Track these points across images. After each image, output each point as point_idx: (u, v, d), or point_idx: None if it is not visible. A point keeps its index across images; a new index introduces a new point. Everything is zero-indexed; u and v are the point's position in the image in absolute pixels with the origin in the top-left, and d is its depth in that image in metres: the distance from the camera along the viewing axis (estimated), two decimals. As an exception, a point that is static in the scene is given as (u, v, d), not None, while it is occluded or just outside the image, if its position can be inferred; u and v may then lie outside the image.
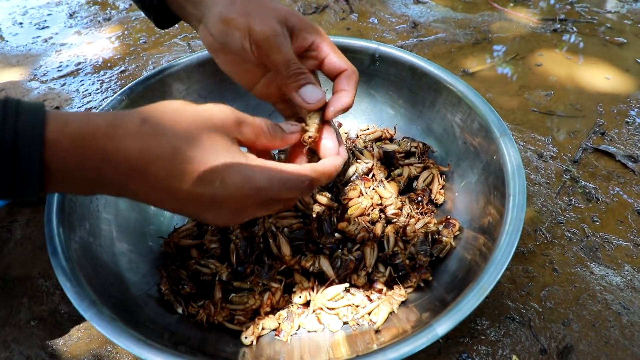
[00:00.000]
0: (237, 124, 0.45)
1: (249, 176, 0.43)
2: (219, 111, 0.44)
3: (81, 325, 0.71)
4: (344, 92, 0.54)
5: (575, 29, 1.32)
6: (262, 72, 0.59)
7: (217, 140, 0.43)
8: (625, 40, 1.27)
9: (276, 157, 0.57)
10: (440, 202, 0.77)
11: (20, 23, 1.45)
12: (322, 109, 0.54)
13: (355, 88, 0.55)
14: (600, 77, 1.15)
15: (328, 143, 0.54)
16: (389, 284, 0.67)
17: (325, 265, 0.65)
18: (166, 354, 0.48)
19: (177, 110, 0.43)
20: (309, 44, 0.55)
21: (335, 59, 0.56)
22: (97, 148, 0.39)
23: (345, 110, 0.54)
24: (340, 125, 0.89)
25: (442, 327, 0.50)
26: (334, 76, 0.56)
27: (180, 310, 0.65)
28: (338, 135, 0.55)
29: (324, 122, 0.54)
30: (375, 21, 1.38)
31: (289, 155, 0.55)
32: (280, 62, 0.52)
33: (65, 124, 0.38)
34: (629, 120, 1.03)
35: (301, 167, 0.48)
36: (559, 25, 1.33)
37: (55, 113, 0.39)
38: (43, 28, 1.42)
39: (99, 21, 1.44)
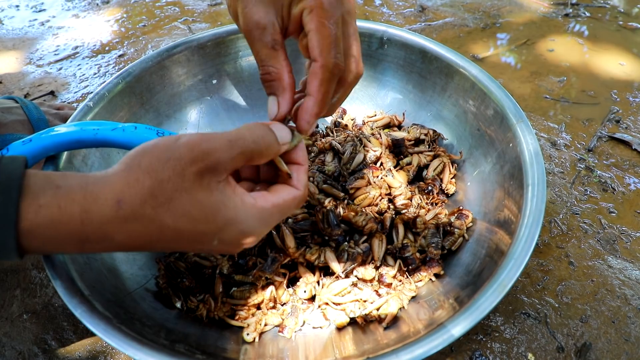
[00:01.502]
0: (215, 169, 0.40)
1: (247, 230, 0.41)
2: (191, 162, 0.39)
3: (76, 319, 0.68)
4: (307, 98, 0.46)
5: (587, 14, 1.27)
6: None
7: (204, 201, 0.39)
8: (639, 26, 1.23)
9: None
10: (451, 192, 0.74)
11: (17, 6, 1.42)
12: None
13: (322, 89, 0.46)
14: (614, 63, 1.11)
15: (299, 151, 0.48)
16: (399, 278, 0.64)
17: (331, 259, 0.62)
18: (162, 354, 0.45)
19: (151, 176, 0.38)
20: (299, 15, 0.46)
21: (312, 41, 0.45)
22: (75, 234, 0.37)
23: (316, 118, 0.47)
24: (345, 111, 0.86)
25: (458, 327, 0.47)
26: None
27: (178, 305, 0.61)
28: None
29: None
30: (382, 4, 1.33)
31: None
32: (255, 57, 0.48)
33: (38, 210, 0.36)
34: (644, 107, 0.99)
35: (293, 191, 0.45)
36: (570, 10, 1.29)
37: (28, 193, 0.36)
38: (40, 11, 1.39)
39: (98, 4, 1.40)
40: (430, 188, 0.71)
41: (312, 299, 0.64)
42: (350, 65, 0.49)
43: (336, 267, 0.62)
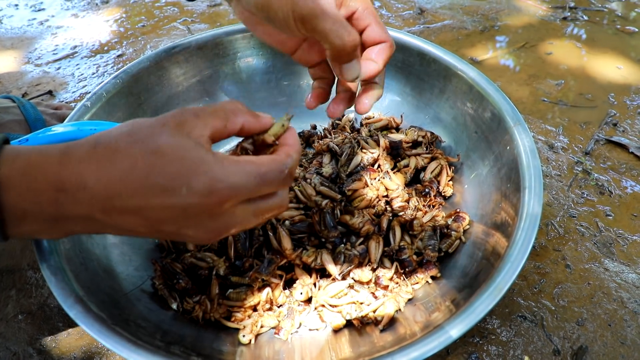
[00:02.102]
0: (196, 118, 0.40)
1: (218, 175, 0.38)
2: (174, 113, 0.40)
3: (71, 320, 0.67)
4: (370, 61, 0.53)
5: (585, 17, 1.28)
6: (303, 39, 0.57)
7: (176, 144, 0.38)
8: (636, 29, 1.23)
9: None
10: (448, 195, 0.74)
11: (16, 5, 1.41)
12: None
13: (385, 62, 0.54)
14: (612, 67, 1.11)
15: (288, 135, 0.48)
16: (395, 281, 0.64)
17: (327, 261, 0.62)
18: (157, 356, 0.45)
19: (132, 124, 0.40)
20: (352, 12, 0.53)
21: (376, 30, 0.54)
22: (51, 177, 0.37)
23: (370, 77, 0.54)
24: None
25: (454, 330, 0.47)
26: (369, 46, 0.54)
27: (174, 306, 0.61)
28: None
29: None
30: (381, 7, 1.33)
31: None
32: (327, 29, 0.48)
33: (16, 157, 0.37)
34: (641, 111, 1.00)
35: (274, 155, 0.43)
36: (568, 13, 1.29)
37: (7, 148, 0.38)
38: (39, 10, 1.38)
39: (97, 4, 1.40)
40: (427, 190, 0.71)
41: (309, 300, 0.64)
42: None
43: (333, 269, 0.62)
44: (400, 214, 0.68)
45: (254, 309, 0.62)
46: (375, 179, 0.70)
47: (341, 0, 0.52)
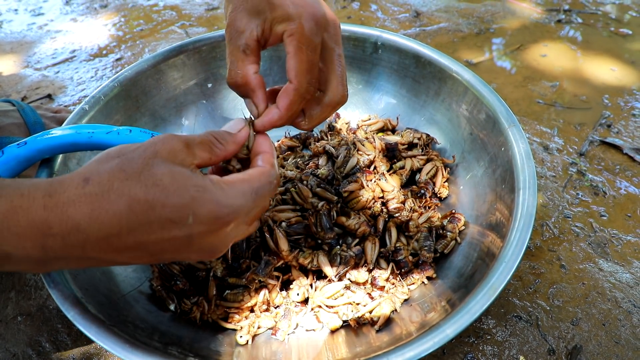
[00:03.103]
0: (187, 148, 0.40)
1: (221, 200, 0.39)
2: (163, 141, 0.39)
3: (70, 321, 0.68)
4: (274, 109, 0.49)
5: (579, 20, 1.29)
6: None
7: (175, 174, 0.37)
8: (630, 32, 1.24)
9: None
10: (444, 196, 0.74)
11: (15, 10, 1.42)
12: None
13: (290, 108, 0.49)
14: (606, 69, 1.12)
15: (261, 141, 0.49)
16: (391, 281, 0.64)
17: (323, 262, 0.63)
18: (154, 357, 0.45)
19: (119, 156, 0.38)
20: (280, 35, 0.48)
21: (288, 64, 0.48)
22: (36, 222, 0.35)
23: (271, 127, 0.50)
24: (338, 115, 0.86)
25: (450, 330, 0.48)
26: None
27: (172, 307, 0.62)
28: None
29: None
30: (377, 10, 1.34)
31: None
32: (227, 60, 0.50)
33: None
34: (635, 112, 1.00)
35: (261, 168, 0.44)
36: (563, 16, 1.30)
37: None
38: (38, 15, 1.39)
39: (96, 8, 1.41)
40: (423, 192, 0.72)
41: (305, 301, 0.64)
42: (332, 90, 0.51)
43: (329, 270, 0.62)
44: (396, 215, 0.69)
45: (251, 310, 0.63)
46: (371, 180, 0.70)
47: (272, 24, 0.48)
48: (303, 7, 0.46)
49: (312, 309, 0.63)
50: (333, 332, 0.61)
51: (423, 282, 0.64)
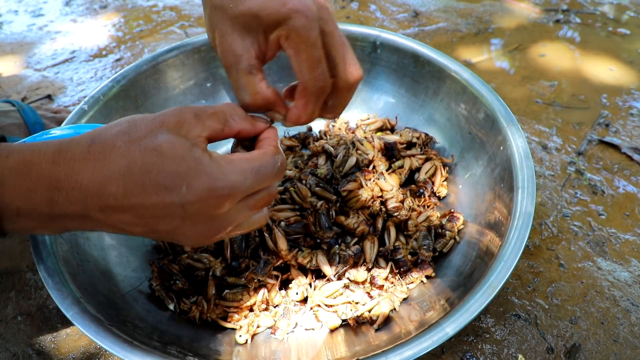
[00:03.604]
0: (196, 119, 0.41)
1: (217, 174, 0.39)
2: (172, 112, 0.41)
3: (70, 321, 0.68)
4: (293, 109, 0.50)
5: (578, 20, 1.29)
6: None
7: (176, 144, 0.38)
8: (628, 32, 1.24)
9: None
10: (443, 195, 0.74)
11: (16, 11, 1.42)
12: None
13: (306, 105, 0.49)
14: (604, 69, 1.12)
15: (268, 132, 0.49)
16: (390, 280, 0.65)
17: (322, 262, 0.63)
18: (153, 356, 0.46)
19: (128, 122, 0.40)
20: (277, 43, 0.47)
21: (294, 66, 0.48)
22: (45, 176, 0.37)
23: (296, 124, 0.50)
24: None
25: (448, 328, 0.48)
26: None
27: (171, 307, 0.62)
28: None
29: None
30: (376, 10, 1.34)
31: None
32: (233, 85, 0.49)
33: (9, 155, 0.37)
34: (633, 112, 1.00)
35: (264, 149, 0.44)
36: (561, 16, 1.30)
37: (1, 145, 0.38)
38: (38, 16, 1.39)
39: (95, 9, 1.41)
40: (422, 191, 0.72)
41: (305, 300, 0.64)
42: (342, 73, 0.50)
43: (328, 270, 0.62)
44: (395, 214, 0.69)
45: (251, 309, 0.63)
46: (370, 179, 0.70)
47: (266, 35, 0.47)
48: (289, 7, 0.45)
49: (311, 308, 0.63)
50: (332, 331, 0.61)
51: (422, 281, 0.65)
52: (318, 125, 0.87)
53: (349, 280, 0.64)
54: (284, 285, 0.65)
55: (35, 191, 0.37)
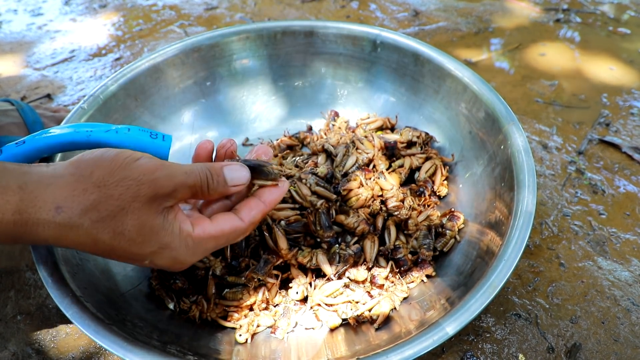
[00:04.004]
0: (170, 195, 0.42)
1: (180, 257, 0.44)
2: (149, 186, 0.40)
3: (70, 320, 0.68)
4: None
5: (578, 19, 1.29)
6: None
7: (146, 224, 0.40)
8: (628, 32, 1.24)
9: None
10: (443, 194, 0.74)
11: (15, 10, 1.42)
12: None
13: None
14: (604, 68, 1.12)
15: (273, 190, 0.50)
16: (391, 280, 0.64)
17: (322, 261, 0.62)
18: (153, 355, 0.45)
19: (100, 188, 0.39)
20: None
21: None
22: (6, 233, 0.38)
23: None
24: (337, 114, 0.86)
25: (449, 328, 0.48)
26: None
27: (171, 306, 0.62)
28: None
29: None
30: (376, 9, 1.34)
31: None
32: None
33: None
34: (633, 111, 1.00)
35: (237, 223, 0.46)
36: (562, 15, 1.30)
37: None
38: (37, 15, 1.39)
39: (95, 8, 1.41)
40: (422, 190, 0.72)
41: (305, 300, 0.64)
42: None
43: (328, 269, 0.62)
44: (395, 213, 0.69)
45: (251, 308, 0.62)
46: (370, 179, 0.70)
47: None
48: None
49: (311, 308, 0.63)
50: (332, 330, 0.61)
51: (422, 281, 0.65)
52: (318, 125, 0.87)
53: (349, 279, 0.63)
54: (284, 284, 0.65)
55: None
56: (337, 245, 0.64)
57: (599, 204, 0.82)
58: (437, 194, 0.74)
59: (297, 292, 0.63)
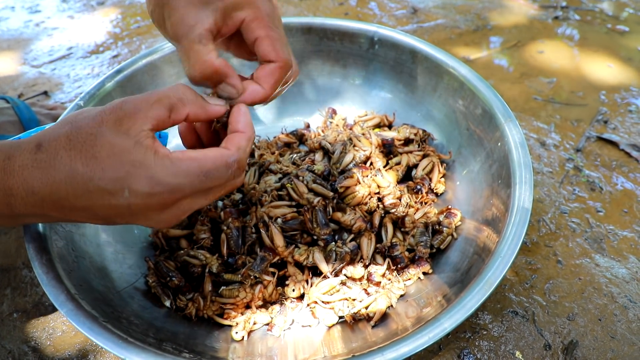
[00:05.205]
0: (136, 112, 0.40)
1: (157, 177, 0.39)
2: (112, 108, 0.40)
3: (66, 318, 0.68)
4: (258, 88, 0.48)
5: (576, 17, 1.29)
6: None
7: (114, 147, 0.39)
8: (627, 29, 1.24)
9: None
10: (440, 192, 0.74)
11: (12, 7, 1.42)
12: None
13: (274, 86, 0.48)
14: (603, 65, 1.12)
15: (240, 118, 0.47)
16: (388, 277, 0.64)
17: (319, 259, 0.62)
18: (147, 353, 0.45)
19: (71, 123, 0.40)
20: (239, 23, 0.47)
21: (264, 46, 0.47)
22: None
23: (255, 102, 0.49)
24: (335, 112, 0.86)
25: (445, 325, 0.48)
26: (263, 62, 0.49)
27: (167, 304, 0.62)
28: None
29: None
30: (375, 6, 1.34)
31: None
32: (185, 57, 0.47)
33: None
34: (631, 108, 1.00)
35: (221, 150, 0.43)
36: (560, 13, 1.30)
37: None
38: (35, 12, 1.39)
39: (92, 5, 1.40)
40: (419, 187, 0.72)
41: (301, 297, 0.64)
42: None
43: (324, 267, 0.62)
44: (392, 210, 0.69)
45: (247, 306, 0.62)
46: (367, 176, 0.70)
47: (224, 13, 0.46)
48: None
49: (308, 305, 0.63)
50: (329, 327, 0.61)
51: (419, 278, 0.64)
52: (316, 122, 0.87)
53: (346, 276, 0.63)
54: (281, 281, 0.65)
55: None
56: (333, 243, 0.64)
57: (597, 201, 0.82)
58: (434, 191, 0.74)
59: (293, 290, 0.63)
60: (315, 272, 0.64)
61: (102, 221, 0.42)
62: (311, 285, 0.63)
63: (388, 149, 0.75)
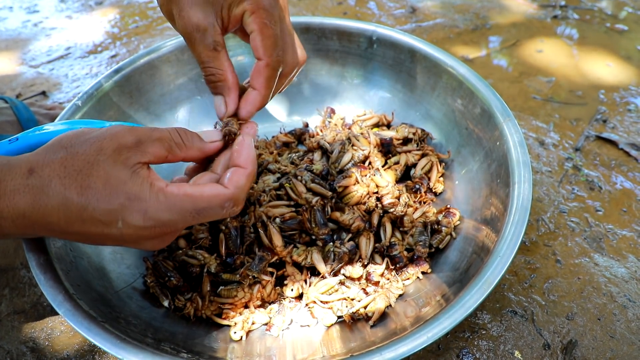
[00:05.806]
0: (136, 146, 0.41)
1: (150, 212, 0.40)
2: (113, 136, 0.41)
3: (64, 318, 0.68)
4: (252, 92, 0.50)
5: (575, 16, 1.28)
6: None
7: (110, 178, 0.39)
8: (626, 28, 1.24)
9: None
10: (439, 191, 0.74)
11: (10, 7, 1.42)
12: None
13: (267, 84, 0.49)
14: (602, 64, 1.12)
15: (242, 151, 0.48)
16: (386, 277, 0.64)
17: (317, 260, 0.62)
18: (145, 353, 0.45)
19: (66, 149, 0.40)
20: (240, 15, 0.48)
21: (255, 41, 0.48)
22: None
23: (257, 109, 0.50)
24: (333, 111, 0.86)
25: (444, 324, 0.47)
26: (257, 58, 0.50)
27: (166, 304, 0.61)
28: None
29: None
30: (373, 6, 1.34)
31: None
32: (197, 58, 0.49)
33: None
34: (630, 107, 1.00)
35: (219, 188, 0.43)
36: (559, 12, 1.30)
37: None
38: (33, 12, 1.39)
39: (91, 5, 1.40)
40: (418, 187, 0.72)
41: (300, 297, 0.64)
42: (287, 58, 0.52)
43: (322, 268, 0.62)
44: (391, 210, 0.69)
45: (245, 305, 0.62)
46: (365, 175, 0.70)
47: (229, 8, 0.47)
48: None
49: (306, 305, 0.63)
50: (328, 327, 0.61)
51: (418, 277, 0.64)
52: (314, 122, 0.87)
53: (345, 276, 0.63)
54: (279, 281, 0.65)
55: None
56: (331, 243, 0.64)
57: (596, 201, 0.82)
58: (433, 190, 0.74)
59: (292, 290, 0.63)
60: (314, 271, 0.64)
61: (92, 243, 0.43)
62: (310, 285, 0.63)
63: (387, 149, 0.75)
